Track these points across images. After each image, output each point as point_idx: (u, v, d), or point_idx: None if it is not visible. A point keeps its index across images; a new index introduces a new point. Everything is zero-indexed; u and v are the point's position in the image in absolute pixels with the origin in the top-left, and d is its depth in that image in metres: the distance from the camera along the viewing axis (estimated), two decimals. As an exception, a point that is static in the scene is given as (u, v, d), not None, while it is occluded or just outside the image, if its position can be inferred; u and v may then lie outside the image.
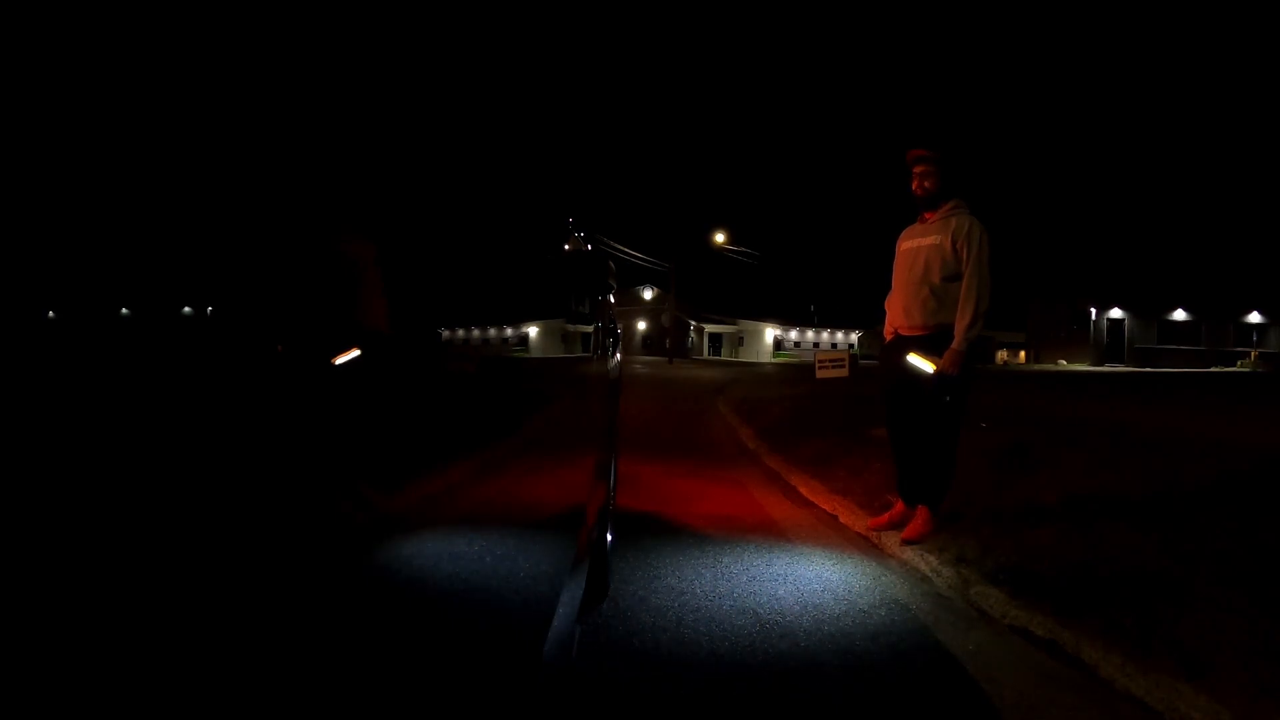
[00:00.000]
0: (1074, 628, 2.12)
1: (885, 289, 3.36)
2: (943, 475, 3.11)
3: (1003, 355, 38.61)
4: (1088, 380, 17.23)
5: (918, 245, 3.15)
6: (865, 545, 3.23)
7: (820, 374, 7.54)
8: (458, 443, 0.99)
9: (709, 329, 46.71)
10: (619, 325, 3.36)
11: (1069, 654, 2.06)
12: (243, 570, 0.53)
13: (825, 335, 49.98)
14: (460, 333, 1.15)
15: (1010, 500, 3.51)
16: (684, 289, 38.20)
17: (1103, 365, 31.40)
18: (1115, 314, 33.82)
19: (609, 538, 2.54)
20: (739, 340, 47.23)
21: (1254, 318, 34.26)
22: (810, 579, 2.72)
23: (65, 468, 0.46)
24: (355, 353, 0.71)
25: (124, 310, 0.59)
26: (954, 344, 2.97)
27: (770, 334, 47.80)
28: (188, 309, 0.62)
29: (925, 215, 3.20)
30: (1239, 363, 30.96)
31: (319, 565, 0.62)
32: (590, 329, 2.07)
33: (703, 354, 45.13)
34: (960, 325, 2.97)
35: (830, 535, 3.39)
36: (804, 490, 4.35)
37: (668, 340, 34.42)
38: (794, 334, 49.08)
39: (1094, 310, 33.66)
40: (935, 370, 2.99)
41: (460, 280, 1.21)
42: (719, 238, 36.07)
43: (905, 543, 3.07)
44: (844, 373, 7.51)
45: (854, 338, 49.72)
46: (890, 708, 1.82)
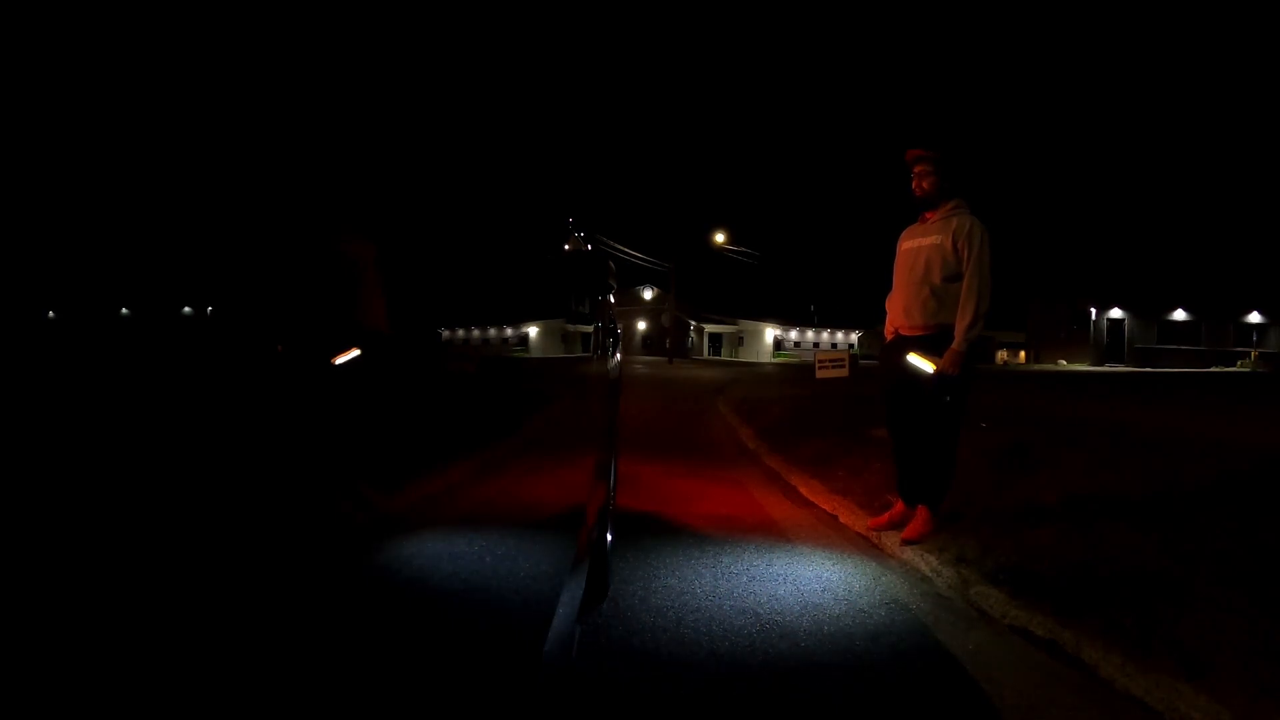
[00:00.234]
0: (1074, 628, 2.12)
1: (885, 289, 3.36)
2: (943, 475, 3.11)
3: (1003, 355, 38.61)
4: (1088, 380, 17.23)
5: (918, 245, 3.15)
6: (865, 545, 3.23)
7: (820, 374, 7.54)
8: (458, 443, 0.99)
9: (709, 329, 46.71)
10: (619, 325, 3.36)
11: (1069, 654, 2.06)
12: (243, 570, 0.53)
13: (825, 335, 49.97)
14: (460, 333, 1.15)
15: (1010, 500, 3.51)
16: (684, 289, 38.24)
17: (1103, 365, 31.40)
18: (1115, 314, 33.83)
19: (609, 538, 2.54)
20: (739, 340, 47.23)
21: (1254, 318, 34.26)
22: (810, 579, 2.72)
23: (66, 468, 0.46)
24: (355, 353, 0.71)
25: (124, 310, 0.59)
26: (954, 344, 2.97)
27: (770, 334, 47.79)
28: (188, 309, 0.62)
29: (926, 215, 3.19)
30: (1239, 363, 30.96)
31: (319, 565, 0.62)
32: (590, 329, 2.07)
33: (703, 354, 45.14)
34: (960, 325, 2.97)
35: (830, 535, 3.39)
36: (804, 490, 4.35)
37: (668, 340, 34.41)
38: (794, 334, 49.07)
39: (1094, 310, 33.66)
40: (935, 370, 2.99)
41: (460, 280, 1.21)
42: (719, 238, 36.08)
43: (905, 543, 3.07)
44: (844, 373, 7.50)
45: (854, 338, 49.72)
46: (890, 708, 1.82)
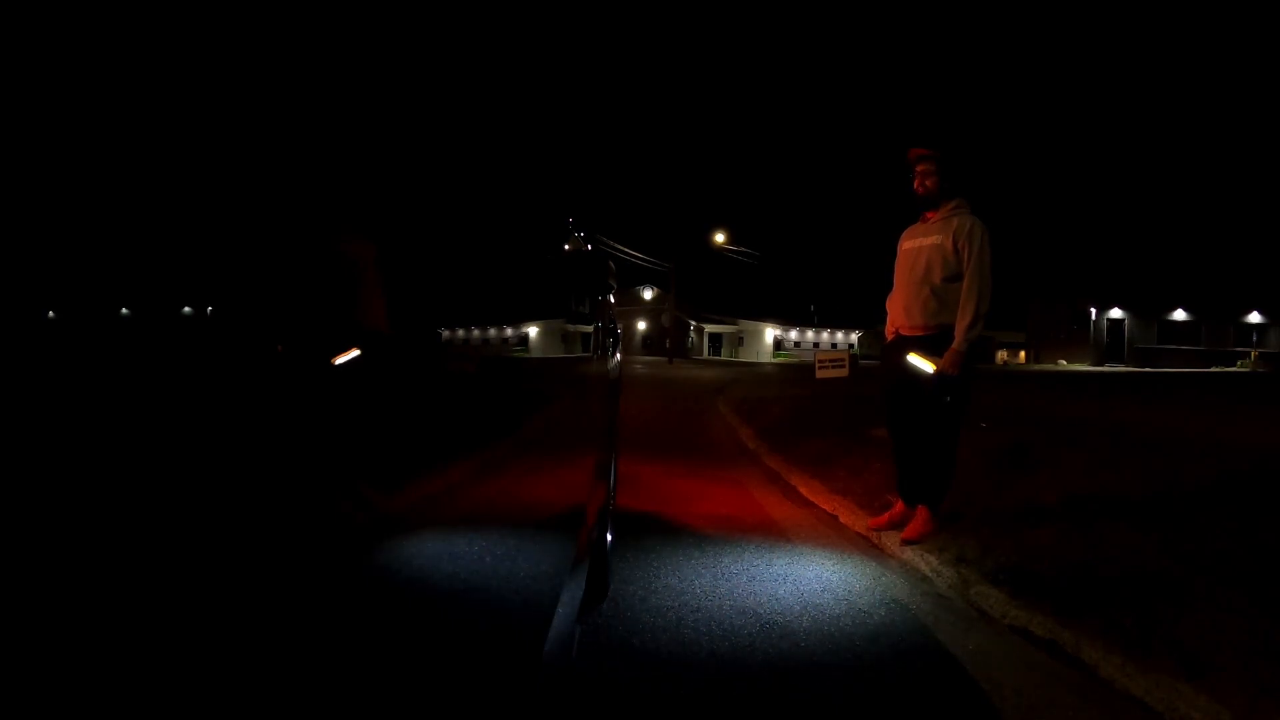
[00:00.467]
0: (1074, 628, 2.12)
1: (885, 289, 3.36)
2: (943, 475, 3.11)
3: (1003, 355, 38.61)
4: (1088, 380, 17.22)
5: (919, 245, 3.15)
6: (865, 545, 3.23)
7: (820, 374, 7.54)
8: (458, 443, 0.99)
9: (709, 329, 46.71)
10: (619, 325, 3.36)
11: (1069, 654, 2.06)
12: (243, 570, 0.53)
13: (825, 335, 49.98)
14: (460, 333, 1.15)
15: (1010, 500, 3.51)
16: (684, 289, 38.22)
17: (1103, 365, 31.40)
18: (1115, 314, 33.83)
19: (609, 538, 2.54)
20: (739, 340, 47.23)
21: (1254, 318, 34.26)
22: (810, 579, 2.71)
23: (66, 468, 0.46)
24: (355, 353, 0.71)
25: (124, 310, 0.59)
26: (954, 344, 2.96)
27: (770, 334, 47.79)
28: (188, 309, 0.62)
29: (927, 215, 3.19)
30: (1239, 363, 30.96)
31: (319, 565, 0.62)
32: (590, 329, 2.07)
33: (703, 354, 45.14)
34: (961, 325, 2.97)
35: (830, 535, 3.39)
36: (804, 490, 4.35)
37: (668, 340, 34.39)
38: (794, 334, 49.07)
39: (1094, 310, 33.66)
40: (936, 370, 2.99)
41: (460, 280, 1.21)
42: (719, 238, 36.06)
43: (905, 543, 3.07)
44: (844, 373, 7.50)
45: (854, 338, 49.73)
46: (890, 708, 1.82)
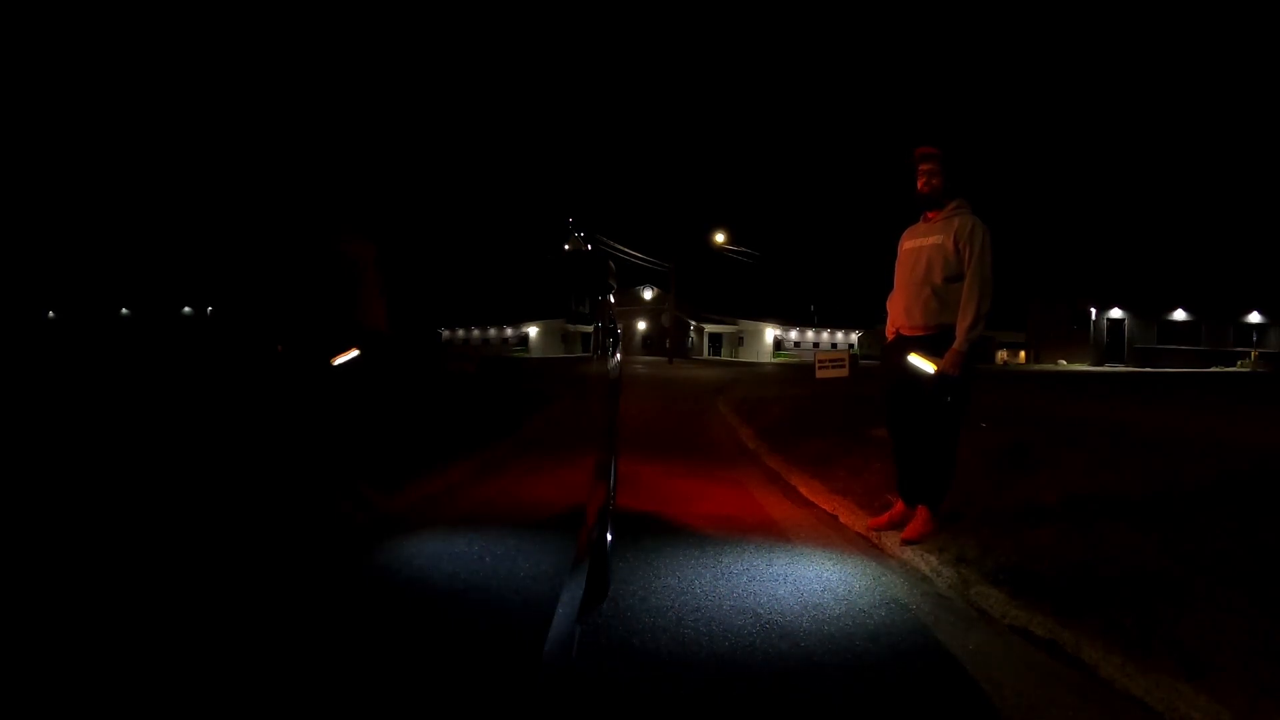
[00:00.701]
0: (1074, 628, 2.12)
1: (886, 289, 3.35)
2: (943, 475, 3.10)
3: (1003, 355, 38.59)
4: (1088, 380, 17.22)
5: (920, 245, 3.15)
6: (865, 545, 3.23)
7: (820, 374, 7.54)
8: (458, 443, 0.99)
9: (709, 329, 46.71)
10: (619, 325, 3.36)
11: (1069, 654, 2.06)
12: (243, 570, 0.53)
13: (825, 335, 49.98)
14: (460, 333, 1.15)
15: (1010, 500, 3.51)
16: (684, 289, 38.22)
17: (1103, 365, 31.39)
18: (1115, 314, 33.82)
19: (609, 538, 2.54)
20: (739, 340, 47.23)
21: (1254, 318, 34.26)
22: (810, 579, 2.71)
23: (66, 468, 0.46)
24: (354, 353, 0.71)
25: (124, 310, 0.59)
26: (955, 344, 2.96)
27: (770, 334, 47.79)
28: (188, 309, 0.62)
29: (928, 215, 3.19)
30: (1239, 363, 30.95)
31: (319, 565, 0.62)
32: (590, 329, 2.07)
33: (703, 354, 45.13)
34: (962, 326, 2.97)
35: (830, 535, 3.39)
36: (804, 490, 4.35)
37: (668, 340, 34.39)
38: (794, 334, 49.08)
39: (1094, 310, 33.66)
40: (936, 371, 2.99)
41: (460, 280, 1.21)
42: (719, 238, 36.05)
43: (905, 543, 3.07)
44: (844, 373, 7.50)
45: (854, 338, 49.72)
46: (890, 708, 1.82)
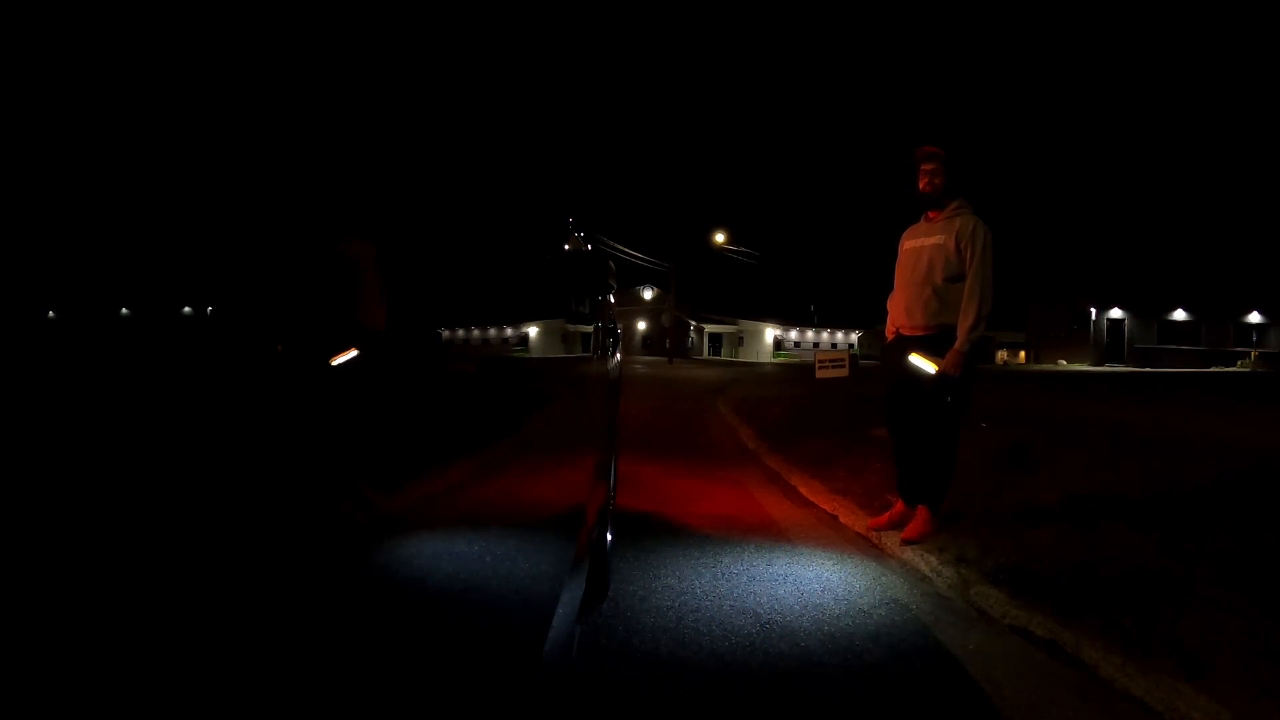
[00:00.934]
0: (1074, 628, 2.12)
1: (885, 288, 3.35)
2: (943, 475, 3.10)
3: (1003, 355, 38.61)
4: (1088, 380, 17.23)
5: (921, 245, 3.15)
6: (865, 545, 3.23)
7: (820, 374, 7.53)
8: (458, 443, 0.99)
9: (709, 329, 46.71)
10: (619, 325, 3.36)
11: (1069, 654, 2.06)
12: (243, 570, 0.53)
13: (825, 335, 49.98)
14: (460, 333, 1.15)
15: (1010, 500, 3.51)
16: (684, 289, 38.22)
17: (1103, 365, 31.41)
18: (1115, 314, 33.84)
19: (609, 538, 2.54)
20: (739, 340, 47.23)
21: (1254, 318, 34.28)
22: (810, 579, 2.71)
23: (66, 468, 0.46)
24: (354, 353, 0.71)
25: (124, 310, 0.59)
26: (956, 345, 2.96)
27: (770, 334, 47.80)
28: (188, 309, 0.62)
29: (929, 215, 3.19)
30: (1239, 363, 30.97)
31: (319, 565, 0.62)
32: (590, 329, 2.07)
33: (703, 354, 45.13)
34: (963, 326, 2.97)
35: (830, 535, 3.39)
36: (804, 490, 4.35)
37: (668, 340, 34.39)
38: (794, 334, 49.08)
39: (1094, 310, 33.67)
40: (937, 371, 2.99)
41: (460, 280, 1.21)
42: (719, 238, 36.06)
43: (905, 543, 3.07)
44: (844, 373, 7.50)
45: (854, 338, 49.72)
46: (890, 708, 1.82)
